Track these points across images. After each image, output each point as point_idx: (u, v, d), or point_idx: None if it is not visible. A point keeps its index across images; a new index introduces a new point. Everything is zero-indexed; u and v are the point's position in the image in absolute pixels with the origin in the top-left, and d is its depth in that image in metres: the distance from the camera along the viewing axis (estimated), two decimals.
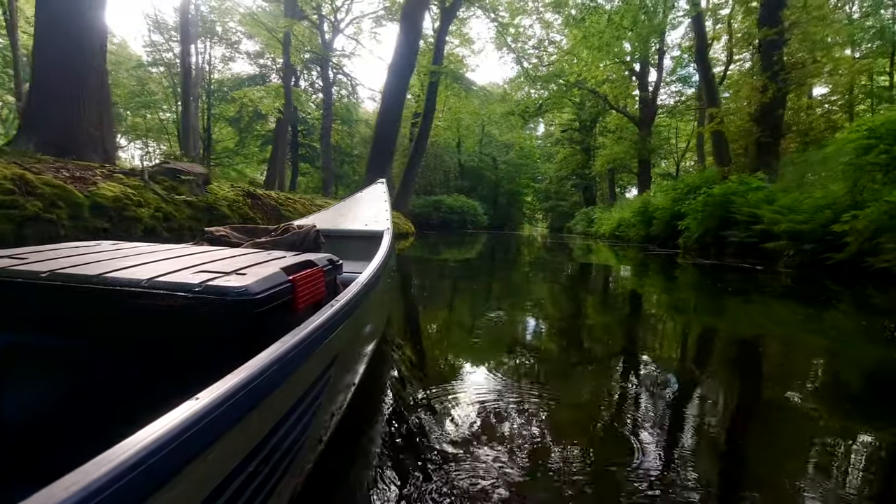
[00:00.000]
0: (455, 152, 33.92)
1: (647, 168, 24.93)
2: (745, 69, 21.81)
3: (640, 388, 2.01)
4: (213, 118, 29.64)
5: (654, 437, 1.49)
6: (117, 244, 1.31)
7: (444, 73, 16.97)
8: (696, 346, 3.02)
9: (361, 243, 2.86)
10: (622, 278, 6.76)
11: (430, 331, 3.09)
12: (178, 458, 0.48)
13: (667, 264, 8.43)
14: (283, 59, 15.70)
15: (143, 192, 4.83)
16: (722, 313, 4.09)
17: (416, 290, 4.75)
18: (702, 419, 1.71)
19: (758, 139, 12.08)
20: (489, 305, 4.03)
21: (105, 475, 0.40)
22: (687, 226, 10.65)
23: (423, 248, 11.20)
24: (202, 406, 0.53)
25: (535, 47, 27.50)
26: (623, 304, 4.54)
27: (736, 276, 6.48)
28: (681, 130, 30.89)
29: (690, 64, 25.88)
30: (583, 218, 25.50)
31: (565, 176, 34.41)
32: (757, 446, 1.55)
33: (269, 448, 0.70)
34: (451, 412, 1.61)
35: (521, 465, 1.28)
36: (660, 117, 27.04)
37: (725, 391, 2.10)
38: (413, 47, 14.90)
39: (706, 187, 10.43)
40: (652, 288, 5.65)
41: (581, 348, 2.81)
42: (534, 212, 45.96)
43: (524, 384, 1.97)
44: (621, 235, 16.26)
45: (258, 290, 0.89)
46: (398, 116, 15.54)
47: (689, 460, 1.36)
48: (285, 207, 7.52)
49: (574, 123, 33.14)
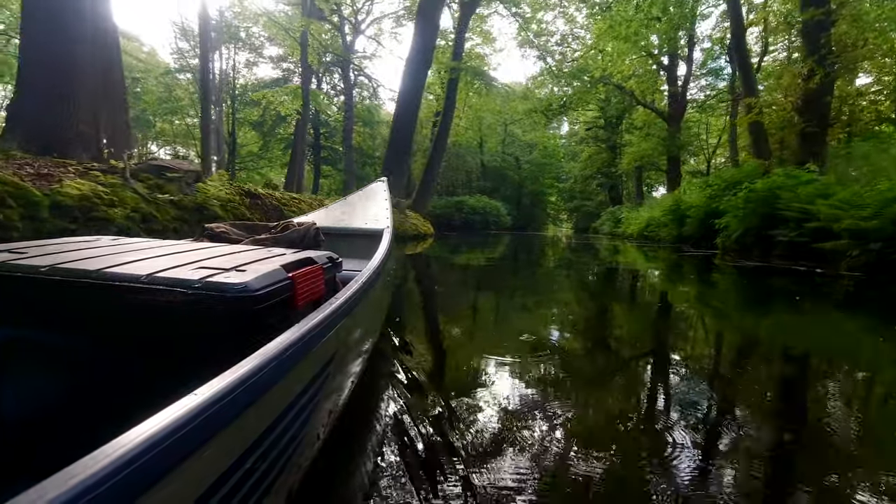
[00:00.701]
0: (477, 152, 33.11)
1: (676, 165, 23.68)
2: (779, 60, 20.51)
3: (687, 433, 1.47)
4: (237, 122, 29.77)
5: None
6: (117, 239, 1.29)
7: (463, 69, 16.21)
8: (760, 375, 2.27)
9: (361, 241, 2.83)
10: (656, 283, 5.97)
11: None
12: (174, 454, 0.47)
13: (705, 267, 7.57)
14: (300, 60, 15.22)
15: (121, 190, 4.33)
16: (786, 330, 3.30)
17: (426, 292, 4.11)
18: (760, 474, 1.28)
19: (803, 129, 11.01)
20: (506, 311, 3.60)
21: (99, 471, 0.39)
22: (726, 224, 9.70)
23: (441, 248, 10.57)
24: (200, 402, 0.52)
25: (559, 43, 26.70)
26: (662, 316, 3.79)
27: (790, 282, 5.62)
28: (711, 126, 29.48)
29: (722, 56, 24.65)
30: (609, 218, 24.38)
31: (590, 175, 33.17)
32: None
33: (266, 445, 0.69)
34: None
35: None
36: (689, 112, 25.72)
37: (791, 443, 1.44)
38: (429, 42, 14.26)
39: (748, 182, 9.49)
40: (697, 297, 4.86)
41: (611, 372, 2.11)
42: (558, 212, 44.80)
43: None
44: (651, 236, 15.27)
45: (258, 286, 0.88)
46: (415, 114, 14.93)
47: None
48: (289, 208, 6.99)
49: (599, 121, 31.93)
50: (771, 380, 2.22)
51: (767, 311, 4.01)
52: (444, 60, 16.31)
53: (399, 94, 14.49)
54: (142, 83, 29.43)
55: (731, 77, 23.24)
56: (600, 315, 3.77)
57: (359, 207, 3.44)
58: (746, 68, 12.45)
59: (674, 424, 1.54)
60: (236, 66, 29.02)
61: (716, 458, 1.34)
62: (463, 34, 17.14)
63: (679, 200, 13.36)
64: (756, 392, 1.99)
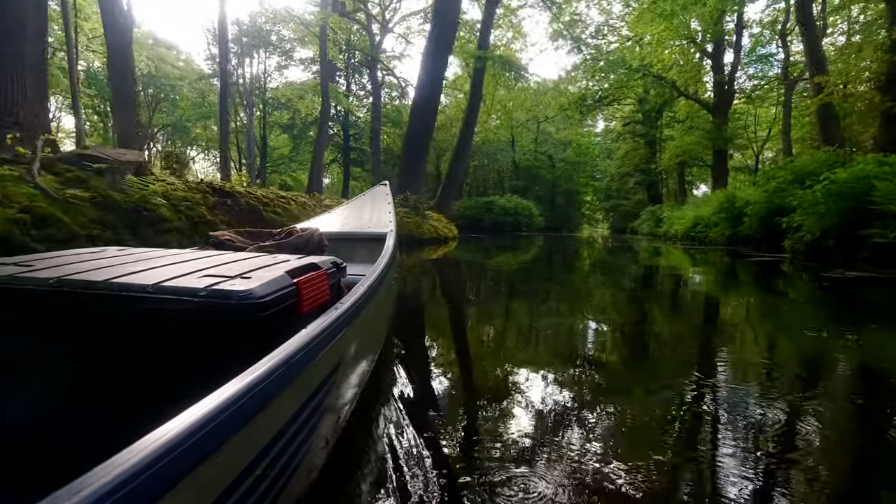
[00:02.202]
0: (509, 151, 31.50)
1: (723, 160, 21.48)
2: (836, 44, 18.06)
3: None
4: (268, 126, 29.37)
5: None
6: (123, 249, 1.28)
7: (490, 58, 14.70)
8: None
9: (365, 245, 2.77)
10: (737, 306, 4.49)
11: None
12: (186, 461, 0.47)
13: (781, 276, 5.99)
14: (320, 56, 14.22)
15: (12, 185, 3.26)
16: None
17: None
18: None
19: (888, 110, 9.12)
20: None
21: (114, 479, 0.39)
22: (797, 223, 7.97)
23: (459, 253, 9.28)
24: (209, 409, 0.52)
25: (594, 36, 24.93)
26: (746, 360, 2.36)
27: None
28: (760, 118, 26.91)
29: (773, 41, 22.25)
30: (649, 217, 22.35)
31: (627, 172, 30.89)
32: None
33: (276, 451, 0.69)
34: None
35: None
36: (736, 103, 23.39)
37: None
38: (448, 31, 12.91)
39: (827, 172, 7.74)
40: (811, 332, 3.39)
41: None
42: (594, 212, 42.64)
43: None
44: (699, 236, 13.46)
45: (263, 293, 0.88)
46: (433, 111, 13.65)
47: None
48: (270, 208, 5.82)
49: (637, 115, 29.72)
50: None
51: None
52: (469, 50, 14.88)
53: (416, 88, 13.26)
54: (178, 90, 29.40)
55: (783, 63, 20.95)
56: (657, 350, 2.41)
57: (362, 212, 3.34)
58: (813, 42, 10.55)
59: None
60: (267, 70, 28.65)
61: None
62: (490, 20, 15.63)
63: (733, 197, 11.57)
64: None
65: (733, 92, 21.94)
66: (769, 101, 24.86)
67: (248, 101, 26.69)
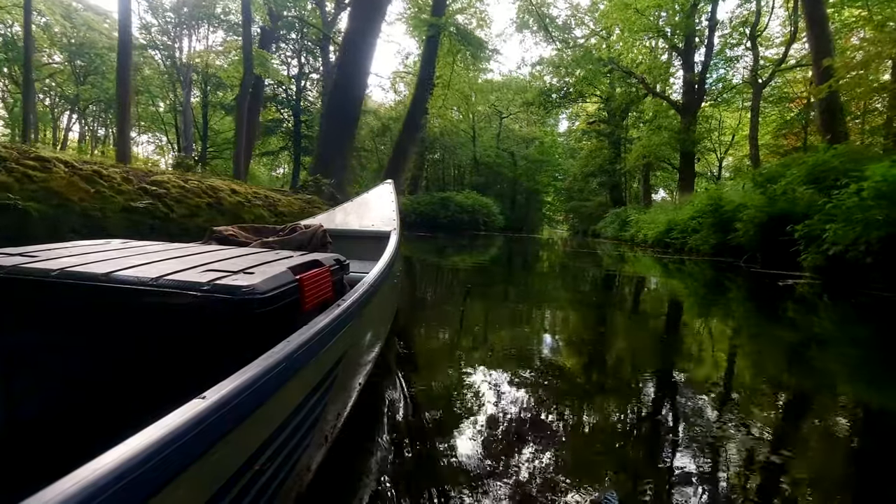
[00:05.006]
0: (470, 146, 29.16)
1: (690, 162, 19.95)
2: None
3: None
4: (210, 106, 26.01)
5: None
6: (126, 242, 1.24)
7: (444, 27, 12.25)
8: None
9: (368, 243, 2.68)
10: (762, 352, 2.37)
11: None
12: (183, 456, 0.46)
13: (814, 305, 3.94)
14: (242, 11, 11.44)
15: None
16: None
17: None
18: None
19: None
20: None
21: (110, 473, 0.39)
22: (818, 232, 6.01)
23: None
24: (208, 404, 0.51)
25: (561, 29, 23.03)
26: None
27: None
28: (724, 123, 25.71)
29: (742, 44, 20.88)
30: (614, 220, 20.53)
31: (591, 173, 29.03)
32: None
33: (275, 446, 0.67)
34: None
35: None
36: (705, 105, 21.93)
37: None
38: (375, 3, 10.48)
39: (855, 167, 5.81)
40: None
41: None
42: (554, 213, 41.00)
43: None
44: (674, 244, 11.57)
45: (265, 289, 0.85)
46: (359, 96, 11.25)
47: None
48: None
49: (602, 113, 28.00)
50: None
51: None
52: (423, 17, 12.37)
53: (337, 67, 10.82)
54: (107, 61, 25.41)
55: (752, 66, 19.55)
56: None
57: (365, 209, 3.24)
58: (820, 19, 8.70)
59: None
60: (211, 47, 25.21)
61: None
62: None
63: (719, 199, 9.67)
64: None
65: (704, 91, 20.45)
66: (734, 107, 23.69)
67: (185, 77, 23.39)
